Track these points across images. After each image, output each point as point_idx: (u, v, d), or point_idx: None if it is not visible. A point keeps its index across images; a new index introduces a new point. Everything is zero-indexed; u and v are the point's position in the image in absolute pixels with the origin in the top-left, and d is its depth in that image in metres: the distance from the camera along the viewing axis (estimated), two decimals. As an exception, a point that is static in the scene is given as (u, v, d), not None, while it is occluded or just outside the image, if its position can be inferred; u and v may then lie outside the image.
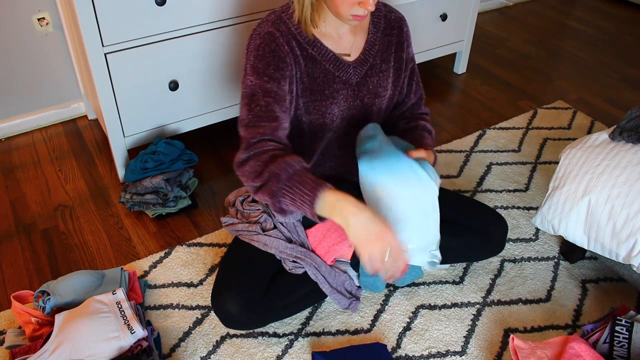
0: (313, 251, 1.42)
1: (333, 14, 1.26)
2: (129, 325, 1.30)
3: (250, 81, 1.25)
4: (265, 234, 1.40)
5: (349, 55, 1.36)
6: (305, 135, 1.39)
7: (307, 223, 1.46)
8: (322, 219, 1.14)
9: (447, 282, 1.58)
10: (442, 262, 1.59)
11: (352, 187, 1.43)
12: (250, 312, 1.32)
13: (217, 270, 1.41)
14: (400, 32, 1.43)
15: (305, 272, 1.40)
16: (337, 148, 1.45)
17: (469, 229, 1.48)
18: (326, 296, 1.48)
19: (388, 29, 1.41)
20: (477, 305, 1.52)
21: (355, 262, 1.42)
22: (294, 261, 1.39)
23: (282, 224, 1.43)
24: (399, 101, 1.51)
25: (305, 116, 1.35)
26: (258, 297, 1.32)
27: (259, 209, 1.46)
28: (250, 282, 1.33)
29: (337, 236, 1.40)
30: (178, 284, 1.57)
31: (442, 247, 1.48)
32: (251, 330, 1.43)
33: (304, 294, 1.42)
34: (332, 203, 1.10)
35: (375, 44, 1.39)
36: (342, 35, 1.35)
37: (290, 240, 1.42)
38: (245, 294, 1.31)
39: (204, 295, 1.53)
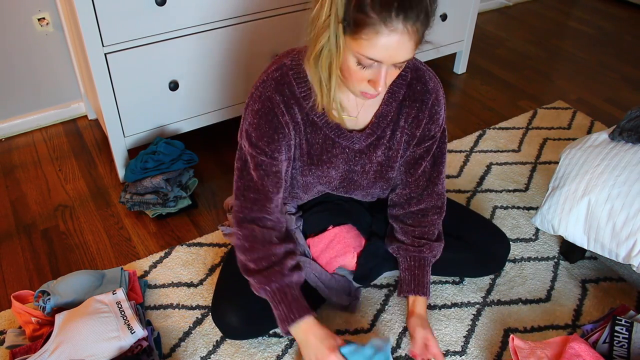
0: (314, 260, 1.41)
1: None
2: (129, 325, 1.30)
3: (244, 146, 1.21)
4: None
5: (355, 117, 1.22)
6: (302, 189, 1.33)
7: (308, 231, 1.46)
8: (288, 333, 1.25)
9: (447, 282, 1.58)
10: (439, 275, 1.59)
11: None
12: (250, 325, 1.32)
13: (216, 281, 1.41)
14: (422, 107, 1.23)
15: (305, 280, 1.39)
16: (333, 202, 1.42)
17: (471, 245, 1.45)
18: (324, 302, 1.47)
19: (407, 100, 1.22)
20: (477, 305, 1.52)
21: (357, 275, 1.43)
22: None
23: None
24: (402, 182, 1.34)
25: (301, 177, 1.28)
26: (258, 309, 1.30)
27: None
28: (250, 294, 1.29)
29: (340, 248, 1.40)
30: (178, 284, 1.57)
31: (442, 261, 1.47)
32: (251, 330, 1.43)
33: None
34: (298, 330, 1.23)
35: (388, 116, 1.22)
36: (351, 98, 1.19)
37: None
38: (246, 306, 1.30)
39: (204, 295, 1.53)
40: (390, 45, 0.97)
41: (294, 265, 1.27)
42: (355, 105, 1.21)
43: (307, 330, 1.23)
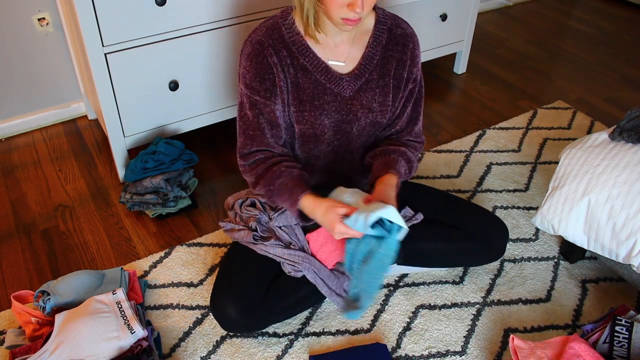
0: (313, 255, 1.42)
1: (328, 20, 1.23)
2: (129, 325, 1.30)
3: (241, 89, 1.33)
4: (262, 243, 1.39)
5: (343, 63, 1.32)
6: (299, 143, 1.39)
7: (308, 227, 1.46)
8: (304, 218, 1.32)
9: (447, 282, 1.58)
10: (440, 266, 1.59)
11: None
12: (249, 317, 1.32)
13: (216, 274, 1.41)
14: (405, 49, 1.36)
15: (303, 277, 1.39)
16: (332, 160, 1.44)
17: (470, 234, 1.46)
18: (325, 298, 1.48)
19: (390, 44, 1.35)
20: (477, 305, 1.52)
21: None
22: (292, 265, 1.38)
23: (280, 227, 1.42)
24: (389, 122, 1.45)
25: (296, 125, 1.35)
26: (257, 301, 1.32)
27: (256, 214, 1.45)
28: (249, 286, 1.33)
29: (339, 242, 1.40)
30: (178, 284, 1.57)
31: (441, 252, 1.48)
32: (251, 330, 1.44)
33: (303, 296, 1.41)
34: (308, 212, 1.29)
35: (374, 58, 1.34)
36: (339, 44, 1.32)
37: (289, 244, 1.41)
38: (244, 298, 1.31)
39: (204, 295, 1.53)
40: None
41: (289, 165, 1.33)
42: (342, 51, 1.32)
43: (311, 208, 1.27)
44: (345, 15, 1.17)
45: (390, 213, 1.17)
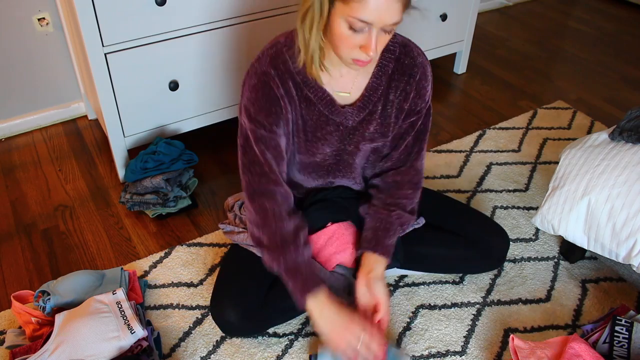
0: (314, 258, 1.42)
1: (335, 55, 1.16)
2: (129, 325, 1.30)
3: (244, 123, 1.25)
4: None
5: (349, 93, 1.26)
6: (297, 168, 1.36)
7: (309, 230, 1.46)
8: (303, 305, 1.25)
9: (447, 282, 1.58)
10: (439, 272, 1.59)
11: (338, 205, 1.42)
12: (249, 321, 1.32)
13: (215, 278, 1.41)
14: (410, 80, 1.26)
15: None
16: (331, 178, 1.42)
17: (471, 241, 1.45)
18: None
19: (396, 74, 1.26)
20: (477, 305, 1.52)
21: (356, 271, 1.43)
22: None
23: None
24: (386, 154, 1.38)
25: (297, 154, 1.32)
26: (257, 306, 1.32)
27: None
28: (249, 289, 1.32)
29: (340, 244, 1.39)
30: (178, 284, 1.57)
31: (441, 258, 1.47)
32: (251, 330, 1.43)
33: None
34: (318, 304, 1.23)
35: (378, 89, 1.26)
36: (345, 74, 1.24)
37: None
38: (244, 302, 1.31)
39: (204, 295, 1.53)
40: (379, 6, 1.02)
41: (305, 241, 1.29)
42: (347, 81, 1.25)
43: (323, 302, 1.23)
44: (357, 56, 1.10)
45: None
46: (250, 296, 1.31)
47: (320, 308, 1.23)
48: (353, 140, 1.30)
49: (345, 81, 1.25)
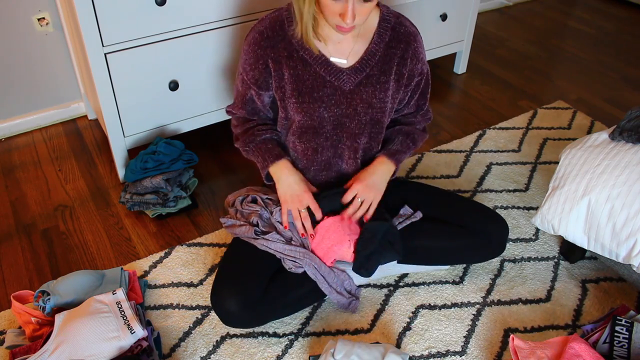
0: (313, 252, 1.42)
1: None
2: (129, 325, 1.30)
3: (240, 73, 1.43)
4: (263, 238, 1.39)
5: (345, 61, 1.36)
6: (298, 134, 1.42)
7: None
8: (269, 180, 1.47)
9: (447, 282, 1.58)
10: (441, 264, 1.59)
11: (335, 191, 1.46)
12: (249, 311, 1.32)
13: (217, 268, 1.41)
14: (407, 47, 1.39)
15: (304, 273, 1.40)
16: (331, 156, 1.46)
17: (469, 230, 1.47)
18: (326, 295, 1.48)
19: (393, 42, 1.38)
20: (477, 305, 1.52)
21: (356, 264, 1.42)
22: (293, 260, 1.39)
23: (281, 223, 1.43)
24: (395, 110, 1.51)
25: (295, 116, 1.40)
26: (258, 296, 1.32)
27: (257, 210, 1.46)
28: (250, 280, 1.33)
29: (337, 237, 1.40)
30: (178, 284, 1.57)
31: (442, 249, 1.48)
32: (251, 330, 1.43)
33: (304, 293, 1.42)
34: (276, 169, 1.43)
35: (376, 55, 1.37)
36: (342, 40, 1.34)
37: (290, 240, 1.41)
38: (245, 292, 1.31)
39: (204, 295, 1.53)
40: None
41: (265, 128, 1.47)
42: (345, 48, 1.35)
43: (282, 167, 1.43)
44: (339, 23, 1.22)
45: None
46: (251, 286, 1.32)
47: (280, 173, 1.43)
48: (351, 103, 1.38)
49: (342, 47, 1.35)
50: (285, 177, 1.42)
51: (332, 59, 1.35)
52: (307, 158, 1.46)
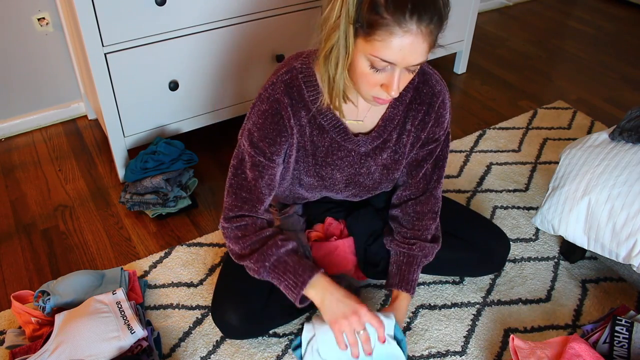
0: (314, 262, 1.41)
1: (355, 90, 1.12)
2: (129, 325, 1.30)
3: (243, 145, 1.21)
4: None
5: (361, 121, 1.22)
6: (305, 188, 1.32)
7: (307, 224, 1.46)
8: (303, 300, 1.21)
9: (447, 282, 1.58)
10: (438, 274, 1.59)
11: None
12: (251, 323, 1.32)
13: (216, 279, 1.41)
14: (429, 110, 1.23)
15: None
16: (338, 208, 1.42)
17: (470, 244, 1.45)
18: None
19: (414, 104, 1.22)
20: (477, 305, 1.52)
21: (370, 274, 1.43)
22: None
23: (282, 230, 1.41)
24: (400, 184, 1.36)
25: (305, 177, 1.28)
26: (259, 308, 1.31)
27: None
28: (250, 293, 1.31)
29: (341, 260, 1.39)
30: (178, 284, 1.57)
31: (441, 261, 1.47)
32: (251, 331, 1.43)
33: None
34: (317, 288, 1.18)
35: (394, 119, 1.22)
36: (360, 103, 1.19)
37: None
38: (245, 305, 1.30)
39: (204, 295, 1.53)
40: (404, 47, 0.97)
41: (285, 238, 1.25)
42: (362, 109, 1.21)
43: (324, 284, 1.18)
44: (377, 94, 1.06)
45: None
46: (252, 298, 1.31)
47: (322, 293, 1.17)
48: (365, 164, 1.27)
49: (359, 109, 1.20)
50: (330, 294, 1.17)
51: (348, 122, 1.20)
52: (314, 202, 1.40)
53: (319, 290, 1.18)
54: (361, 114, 1.21)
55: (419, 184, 1.33)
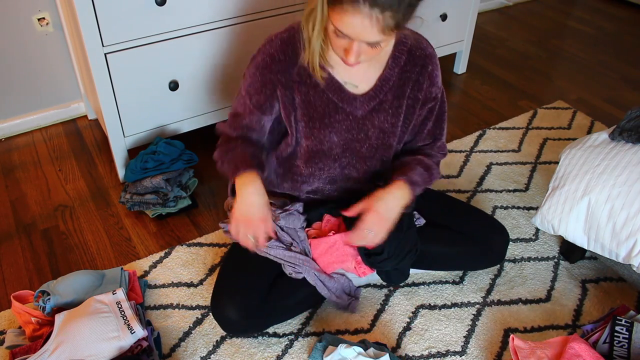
0: (314, 259, 1.41)
1: None
2: (129, 325, 1.30)
3: (242, 96, 1.34)
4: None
5: (356, 86, 1.29)
6: (305, 158, 1.37)
7: (307, 223, 1.46)
8: (234, 194, 1.30)
9: (447, 282, 1.58)
10: (439, 269, 1.59)
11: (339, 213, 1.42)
12: (250, 319, 1.32)
13: (216, 275, 1.41)
14: (423, 70, 1.32)
15: (305, 278, 1.39)
16: (338, 174, 1.42)
17: (470, 237, 1.46)
18: (324, 299, 1.48)
19: (409, 65, 1.31)
20: (477, 305, 1.52)
21: (387, 280, 1.44)
22: (293, 266, 1.38)
23: (282, 228, 1.42)
24: (408, 140, 1.43)
25: (304, 140, 1.33)
26: (258, 304, 1.32)
27: None
28: (249, 288, 1.33)
29: (339, 255, 1.39)
30: (178, 284, 1.57)
31: (442, 255, 1.48)
32: (251, 330, 1.43)
33: (304, 297, 1.41)
34: (242, 181, 1.27)
35: (390, 80, 1.30)
36: (355, 67, 1.26)
37: (290, 245, 1.40)
38: (245, 300, 1.31)
39: (204, 295, 1.53)
40: (354, 25, 1.06)
41: (254, 144, 1.35)
42: (359, 74, 1.29)
43: (249, 182, 1.26)
44: (342, 56, 1.17)
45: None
46: (251, 294, 1.32)
47: (244, 188, 1.26)
48: (363, 128, 1.33)
49: (355, 71, 1.28)
50: (248, 195, 1.26)
51: (344, 84, 1.29)
52: (312, 176, 1.41)
53: (243, 185, 1.26)
54: (357, 78, 1.29)
55: (425, 140, 1.43)
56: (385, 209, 1.29)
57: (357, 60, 1.14)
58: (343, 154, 1.36)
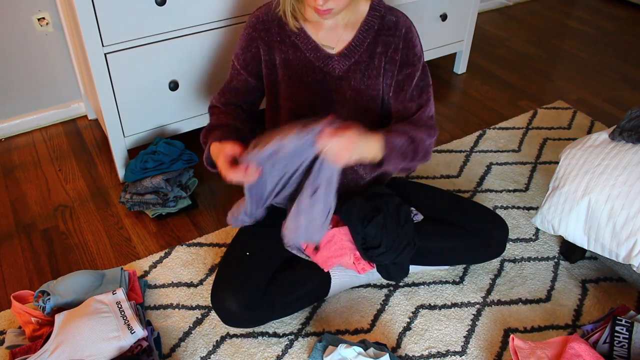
0: (311, 255, 1.41)
1: None
2: (129, 325, 1.30)
3: (235, 55, 1.46)
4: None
5: (332, 48, 1.37)
6: (285, 120, 1.41)
7: None
8: (211, 164, 1.35)
9: (447, 282, 1.58)
10: (441, 265, 1.59)
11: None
12: (250, 310, 1.32)
13: (217, 267, 1.41)
14: (396, 32, 1.37)
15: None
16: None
17: (470, 231, 1.47)
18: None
19: (382, 30, 1.37)
20: (477, 305, 1.52)
21: (387, 277, 1.44)
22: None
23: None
24: (389, 107, 1.43)
25: (285, 103, 1.41)
26: (258, 295, 1.32)
27: None
28: (250, 279, 1.33)
29: (337, 249, 1.39)
30: (178, 284, 1.57)
31: (442, 250, 1.48)
32: (251, 330, 1.43)
33: (304, 292, 1.42)
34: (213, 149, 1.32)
35: (364, 42, 1.37)
36: (332, 28, 1.36)
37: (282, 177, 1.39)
38: (245, 291, 1.31)
39: (204, 295, 1.53)
40: None
41: (227, 118, 1.43)
42: (334, 37, 1.37)
43: (215, 147, 1.30)
44: (313, 4, 1.23)
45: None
46: (252, 285, 1.32)
47: (214, 149, 1.30)
48: (341, 90, 1.39)
49: (332, 34, 1.37)
50: (214, 146, 1.30)
51: (320, 44, 1.36)
52: None
53: (213, 150, 1.30)
54: (334, 38, 1.37)
55: (411, 108, 1.41)
56: (353, 142, 1.18)
57: (325, 2, 1.20)
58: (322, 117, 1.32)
